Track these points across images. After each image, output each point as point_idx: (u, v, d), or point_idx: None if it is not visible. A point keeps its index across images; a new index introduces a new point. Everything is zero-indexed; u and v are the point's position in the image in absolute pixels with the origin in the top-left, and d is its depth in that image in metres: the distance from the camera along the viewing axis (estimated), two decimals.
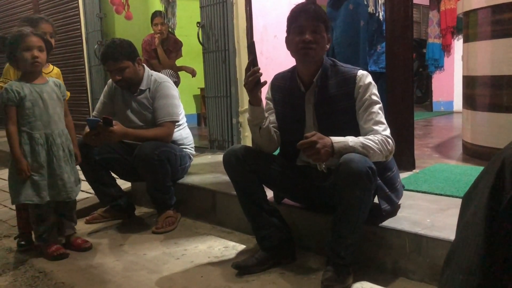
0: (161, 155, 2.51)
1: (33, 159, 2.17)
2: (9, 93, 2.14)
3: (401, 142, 2.60)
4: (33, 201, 2.18)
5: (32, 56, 2.16)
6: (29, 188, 2.16)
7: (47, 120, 2.22)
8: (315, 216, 2.11)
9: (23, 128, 2.18)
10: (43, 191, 2.19)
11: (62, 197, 2.26)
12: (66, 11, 5.48)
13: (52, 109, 2.24)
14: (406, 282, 1.79)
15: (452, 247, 1.11)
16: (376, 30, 3.05)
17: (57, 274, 2.08)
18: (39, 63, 2.19)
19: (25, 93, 2.17)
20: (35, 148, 2.17)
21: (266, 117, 1.95)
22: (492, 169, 1.05)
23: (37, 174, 2.18)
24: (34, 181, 2.17)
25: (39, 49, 2.19)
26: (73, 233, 2.39)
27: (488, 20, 2.92)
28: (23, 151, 2.16)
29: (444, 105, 6.69)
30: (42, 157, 2.18)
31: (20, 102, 2.16)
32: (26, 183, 2.16)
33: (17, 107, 2.16)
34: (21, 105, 2.16)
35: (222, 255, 2.19)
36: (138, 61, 2.68)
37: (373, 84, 1.86)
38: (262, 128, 1.93)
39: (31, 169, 2.16)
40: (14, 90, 2.15)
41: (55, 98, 2.28)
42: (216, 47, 3.71)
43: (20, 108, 2.17)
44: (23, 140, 2.17)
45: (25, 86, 2.19)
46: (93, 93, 5.23)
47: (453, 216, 1.82)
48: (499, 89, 2.88)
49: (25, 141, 2.17)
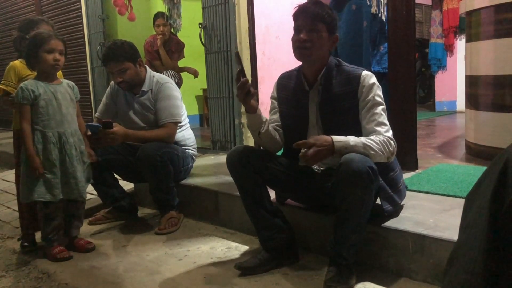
0: (163, 156, 2.51)
1: (45, 158, 2.19)
2: (24, 92, 2.17)
3: (404, 142, 2.60)
4: (45, 198, 2.19)
5: (54, 58, 2.21)
6: (42, 185, 2.18)
7: (60, 119, 2.25)
8: (318, 217, 2.11)
9: (36, 126, 2.20)
10: (56, 189, 2.20)
11: (75, 195, 2.27)
12: (69, 13, 5.50)
13: (65, 109, 2.27)
14: (409, 282, 1.78)
15: (455, 248, 1.10)
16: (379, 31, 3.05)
17: (60, 275, 2.08)
18: (59, 66, 2.25)
19: (39, 92, 2.20)
20: (48, 147, 2.19)
21: (265, 121, 1.95)
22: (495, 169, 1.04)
23: (50, 173, 2.20)
24: (47, 179, 2.19)
25: (60, 52, 2.23)
26: (78, 234, 2.40)
27: (491, 20, 2.91)
28: (36, 150, 2.18)
29: (447, 105, 6.67)
30: (54, 155, 2.20)
31: (34, 101, 2.19)
32: (39, 181, 2.18)
33: (31, 106, 2.19)
34: (35, 104, 2.19)
35: (225, 256, 2.19)
36: (140, 62, 2.69)
37: (377, 85, 1.86)
38: (262, 132, 1.94)
39: (44, 168, 2.18)
40: (29, 89, 2.18)
41: (68, 98, 2.31)
42: (218, 48, 3.71)
43: (34, 107, 2.20)
44: (36, 138, 2.19)
45: (39, 85, 2.22)
46: (96, 95, 5.24)
47: (456, 216, 1.81)
48: (502, 89, 2.87)
49: (38, 140, 2.19)
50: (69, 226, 2.35)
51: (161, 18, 4.45)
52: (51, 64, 2.21)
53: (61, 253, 2.25)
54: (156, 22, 4.49)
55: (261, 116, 1.93)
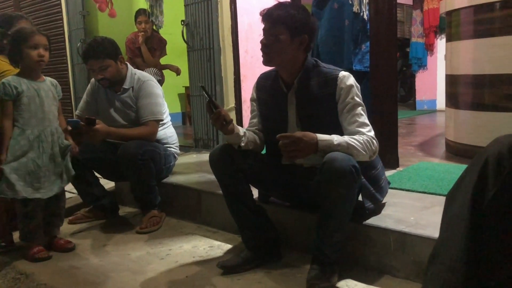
0: (145, 155, 2.49)
1: (18, 155, 2.14)
2: (6, 88, 2.13)
3: (385, 140, 2.62)
4: (7, 195, 2.13)
5: (39, 54, 2.17)
6: (3, 183, 2.12)
7: (42, 117, 2.21)
8: (301, 215, 2.11)
9: (16, 123, 2.16)
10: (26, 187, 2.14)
11: (50, 194, 2.22)
12: (48, 8, 5.40)
13: (47, 107, 2.23)
14: (390, 279, 1.80)
15: (436, 245, 1.12)
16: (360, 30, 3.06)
17: (39, 275, 2.04)
18: (44, 62, 2.21)
19: (22, 89, 2.16)
20: (24, 144, 2.15)
21: (243, 134, 1.93)
22: (475, 167, 1.06)
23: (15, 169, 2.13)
24: (12, 176, 2.12)
25: (44, 47, 2.20)
26: (58, 233, 2.36)
27: (471, 20, 2.95)
28: (12, 146, 2.13)
29: (427, 104, 6.76)
30: (30, 153, 2.16)
31: (17, 97, 2.15)
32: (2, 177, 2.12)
33: (13, 102, 2.15)
34: (18, 100, 2.16)
35: (207, 255, 2.18)
36: (121, 60, 2.66)
37: (355, 85, 1.85)
38: (242, 146, 1.93)
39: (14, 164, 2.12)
40: (12, 85, 2.14)
41: (51, 96, 2.27)
42: (201, 45, 3.69)
43: (16, 103, 2.16)
44: (13, 134, 2.15)
45: (23, 82, 2.18)
46: (76, 92, 5.16)
47: (437, 213, 1.83)
48: (481, 88, 2.92)
49: (15, 136, 2.15)
50: (48, 225, 2.31)
51: (143, 15, 4.40)
52: (36, 60, 2.17)
53: (39, 253, 2.21)
54: (137, 19, 4.45)
55: (239, 133, 1.90)
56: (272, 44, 1.84)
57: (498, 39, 2.76)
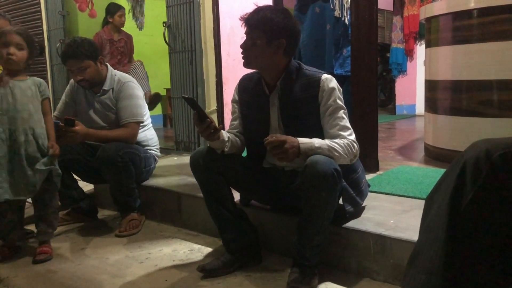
0: (124, 157, 2.46)
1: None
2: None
3: (365, 144, 2.65)
4: None
5: (7, 52, 2.13)
6: None
7: (14, 116, 2.15)
8: (282, 218, 2.11)
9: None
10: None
11: (23, 195, 2.16)
12: (26, 8, 5.29)
13: (21, 106, 2.17)
14: (370, 282, 1.81)
15: (415, 248, 1.13)
16: (342, 34, 3.10)
17: (14, 280, 2.00)
18: (13, 60, 2.15)
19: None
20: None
21: (227, 140, 1.92)
22: (453, 171, 1.07)
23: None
24: None
25: (17, 46, 2.15)
26: (47, 239, 2.28)
27: (449, 26, 3.01)
28: None
29: (407, 109, 6.86)
30: (2, 152, 2.11)
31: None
32: None
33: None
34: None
35: (187, 258, 2.16)
36: (101, 60, 2.63)
37: (337, 89, 1.86)
38: (225, 151, 1.92)
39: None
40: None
41: (28, 95, 2.20)
42: (183, 47, 3.67)
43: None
44: None
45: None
46: (55, 93, 5.07)
47: (416, 217, 1.86)
48: (459, 93, 2.97)
49: None
50: (37, 229, 2.27)
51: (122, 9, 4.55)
52: (5, 58, 2.14)
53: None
54: (118, 12, 4.50)
55: (224, 139, 1.90)
56: (250, 48, 1.86)
57: (475, 46, 2.82)
